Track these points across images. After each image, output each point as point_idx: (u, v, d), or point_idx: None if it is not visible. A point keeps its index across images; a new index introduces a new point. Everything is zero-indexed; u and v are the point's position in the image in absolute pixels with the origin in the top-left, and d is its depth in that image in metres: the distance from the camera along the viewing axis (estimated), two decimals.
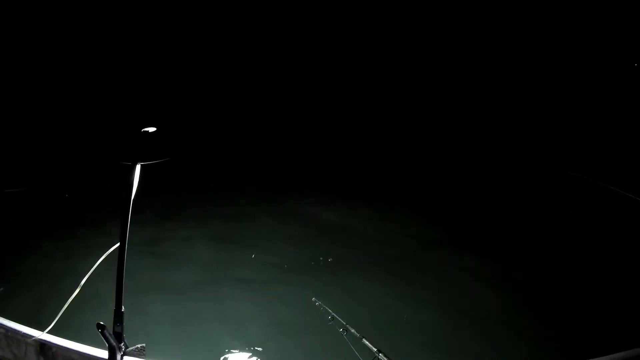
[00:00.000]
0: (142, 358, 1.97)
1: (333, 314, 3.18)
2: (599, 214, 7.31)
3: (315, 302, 3.40)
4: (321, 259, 6.38)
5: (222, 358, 4.44)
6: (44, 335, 2.12)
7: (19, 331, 2.18)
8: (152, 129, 2.04)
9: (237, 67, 15.69)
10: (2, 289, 5.49)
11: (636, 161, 9.48)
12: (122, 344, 1.94)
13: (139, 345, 1.99)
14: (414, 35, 15.81)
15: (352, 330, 2.97)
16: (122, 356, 1.93)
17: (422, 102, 14.24)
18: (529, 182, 9.33)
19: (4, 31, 13.71)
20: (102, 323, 1.84)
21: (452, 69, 15.22)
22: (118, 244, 1.94)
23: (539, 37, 14.65)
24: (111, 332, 1.90)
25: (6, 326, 2.21)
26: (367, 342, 2.73)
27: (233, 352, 4.53)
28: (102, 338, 1.88)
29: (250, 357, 4.49)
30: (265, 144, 11.82)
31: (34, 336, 2.12)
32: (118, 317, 1.92)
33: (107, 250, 2.06)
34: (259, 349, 4.59)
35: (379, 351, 2.53)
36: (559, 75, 14.11)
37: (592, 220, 7.44)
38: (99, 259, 2.09)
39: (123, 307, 1.92)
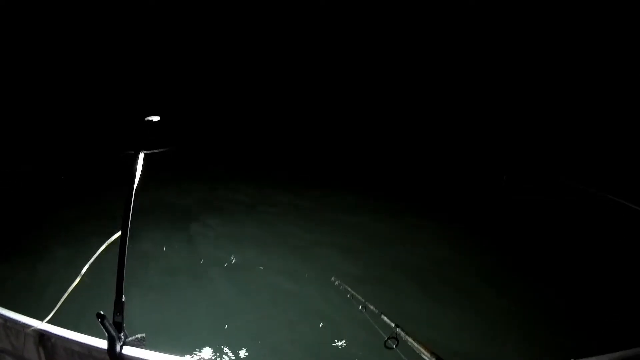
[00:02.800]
0: (142, 348, 1.95)
1: (352, 291, 3.27)
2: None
3: (335, 281, 3.52)
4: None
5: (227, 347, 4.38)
6: (43, 325, 2.09)
7: (17, 321, 2.14)
8: (155, 118, 2.01)
9: (236, 67, 15.62)
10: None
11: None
12: (122, 333, 1.92)
13: (138, 335, 1.96)
14: (414, 35, 15.75)
15: (371, 307, 3.03)
16: (121, 346, 1.91)
17: (422, 102, 14.20)
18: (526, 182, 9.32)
19: (6, 28, 13.68)
20: (102, 313, 1.82)
21: (451, 69, 15.17)
22: (119, 233, 1.92)
23: (539, 37, 14.56)
24: (111, 322, 1.88)
25: (4, 316, 2.18)
26: (385, 318, 2.76)
27: (243, 338, 4.45)
28: (102, 328, 1.86)
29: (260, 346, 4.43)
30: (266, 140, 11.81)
31: (33, 326, 2.09)
32: (118, 306, 1.90)
33: (108, 239, 2.04)
34: (277, 329, 4.58)
35: (397, 326, 2.55)
36: (559, 76, 14.04)
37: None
38: (100, 247, 2.06)
39: (124, 296, 1.90)
